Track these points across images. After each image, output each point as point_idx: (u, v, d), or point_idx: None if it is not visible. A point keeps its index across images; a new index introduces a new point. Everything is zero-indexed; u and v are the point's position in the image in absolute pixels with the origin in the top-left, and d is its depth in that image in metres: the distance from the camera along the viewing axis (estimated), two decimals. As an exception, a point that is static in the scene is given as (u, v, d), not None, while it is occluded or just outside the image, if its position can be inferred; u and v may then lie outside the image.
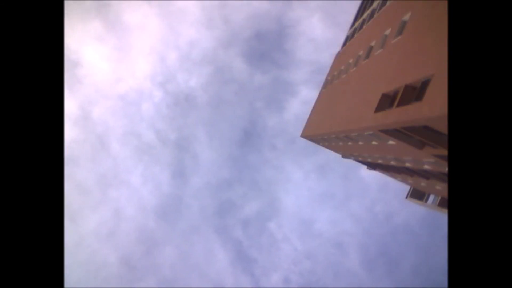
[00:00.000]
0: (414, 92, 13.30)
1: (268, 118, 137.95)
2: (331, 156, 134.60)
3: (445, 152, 14.21)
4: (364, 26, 29.56)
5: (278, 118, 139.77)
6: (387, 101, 16.14)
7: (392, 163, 25.70)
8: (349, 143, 26.64)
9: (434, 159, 16.85)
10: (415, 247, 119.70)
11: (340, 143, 28.91)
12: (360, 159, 33.50)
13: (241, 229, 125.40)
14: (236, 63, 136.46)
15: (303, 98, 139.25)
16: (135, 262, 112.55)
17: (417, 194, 41.51)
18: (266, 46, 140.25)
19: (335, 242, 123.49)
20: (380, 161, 28.32)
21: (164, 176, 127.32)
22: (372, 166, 35.03)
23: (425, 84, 12.17)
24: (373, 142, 20.66)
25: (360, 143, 23.73)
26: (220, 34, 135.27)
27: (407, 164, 22.82)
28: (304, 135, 38.58)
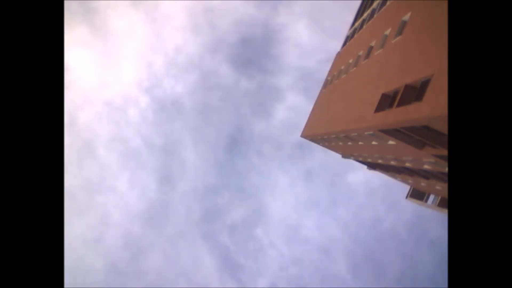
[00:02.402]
0: (414, 92, 13.31)
1: (254, 123, 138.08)
2: (318, 162, 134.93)
3: (445, 152, 14.21)
4: (364, 26, 29.56)
5: (265, 124, 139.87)
6: (387, 101, 16.14)
7: (392, 163, 25.70)
8: (349, 143, 26.64)
9: (434, 159, 16.85)
10: (401, 253, 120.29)
11: (340, 143, 28.91)
12: (360, 159, 33.51)
13: (227, 235, 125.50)
14: (223, 68, 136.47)
15: (290, 104, 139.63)
16: (121, 268, 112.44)
17: (417, 194, 41.52)
18: (252, 52, 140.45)
19: (322, 247, 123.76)
20: (380, 161, 28.33)
21: (150, 181, 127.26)
22: (372, 166, 35.04)
23: (425, 84, 12.18)
24: (373, 142, 20.66)
25: (360, 143, 23.73)
26: (206, 39, 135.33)
27: (407, 164, 22.82)
28: (304, 135, 38.59)
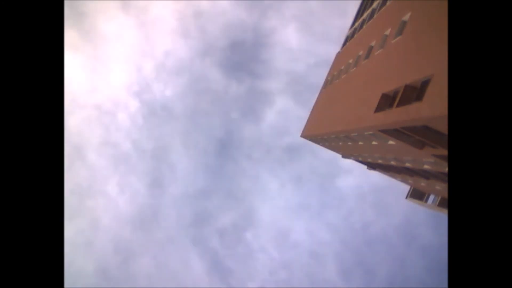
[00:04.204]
0: (414, 92, 13.31)
1: (244, 127, 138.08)
2: (308, 166, 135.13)
3: (445, 152, 14.22)
4: (364, 26, 29.56)
5: (254, 128, 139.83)
6: (387, 101, 16.14)
7: (392, 163, 25.71)
8: (349, 143, 26.65)
9: (434, 159, 16.85)
10: (391, 257, 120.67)
11: (340, 143, 28.92)
12: (360, 159, 33.51)
13: (217, 239, 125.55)
14: (212, 73, 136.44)
15: (279, 108, 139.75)
16: (111, 272, 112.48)
17: (417, 194, 41.52)
18: (242, 56, 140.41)
19: (312, 252, 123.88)
20: (380, 161, 28.33)
21: (140, 186, 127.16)
22: (372, 166, 35.04)
23: (425, 84, 12.18)
24: (373, 142, 20.67)
25: (360, 143, 23.73)
26: (196, 43, 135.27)
27: (407, 164, 22.82)
28: (304, 135, 38.59)
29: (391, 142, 18.00)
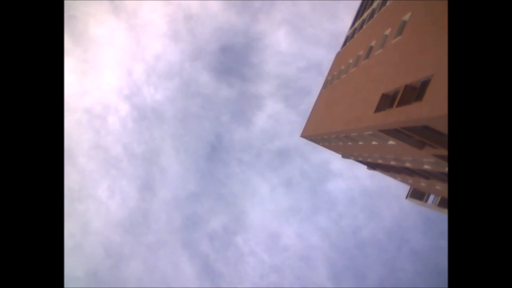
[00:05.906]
0: (414, 92, 13.31)
1: (234, 131, 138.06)
2: (298, 170, 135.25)
3: (445, 152, 14.21)
4: (364, 26, 29.57)
5: (245, 131, 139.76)
6: (387, 101, 16.14)
7: (392, 163, 25.71)
8: (349, 143, 26.65)
9: (434, 159, 16.86)
10: (382, 261, 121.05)
11: (340, 143, 28.92)
12: (360, 159, 33.51)
13: (208, 243, 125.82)
14: (203, 76, 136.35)
15: (270, 112, 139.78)
16: (102, 276, 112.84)
17: (417, 194, 41.52)
18: (232, 60, 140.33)
19: (302, 255, 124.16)
20: (380, 161, 28.34)
21: (131, 189, 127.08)
22: (372, 166, 35.04)
23: (425, 84, 12.18)
24: (373, 142, 20.67)
25: (360, 143, 23.74)
26: (186, 47, 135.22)
27: (407, 164, 22.83)
28: (304, 135, 38.59)
29: (391, 142, 18.00)
